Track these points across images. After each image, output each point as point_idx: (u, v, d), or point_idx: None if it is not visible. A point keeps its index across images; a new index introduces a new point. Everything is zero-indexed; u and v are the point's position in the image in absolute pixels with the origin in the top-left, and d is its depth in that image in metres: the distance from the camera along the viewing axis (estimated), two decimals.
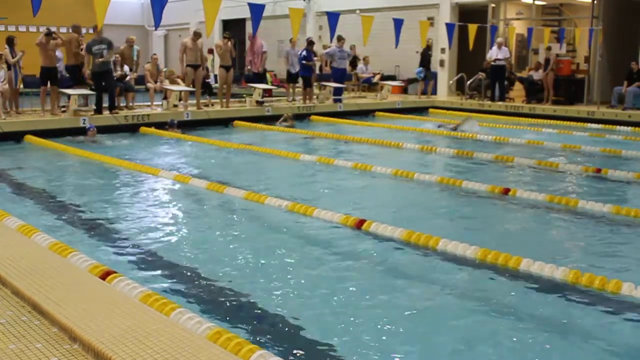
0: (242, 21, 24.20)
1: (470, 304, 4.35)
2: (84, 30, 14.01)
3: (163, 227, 6.11)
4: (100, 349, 2.92)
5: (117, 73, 14.05)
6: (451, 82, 19.56)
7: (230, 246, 5.58)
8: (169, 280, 4.63)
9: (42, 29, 12.87)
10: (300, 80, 16.84)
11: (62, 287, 3.68)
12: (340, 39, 16.60)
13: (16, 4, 19.66)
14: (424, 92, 18.81)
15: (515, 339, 3.81)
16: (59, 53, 13.82)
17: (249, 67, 17.23)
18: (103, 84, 12.88)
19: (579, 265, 4.83)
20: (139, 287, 3.88)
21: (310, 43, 16.73)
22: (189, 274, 4.79)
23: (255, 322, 3.92)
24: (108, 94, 13.00)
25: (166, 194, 7.77)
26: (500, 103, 17.38)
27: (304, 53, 16.38)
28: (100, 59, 12.59)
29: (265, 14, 14.40)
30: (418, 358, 3.60)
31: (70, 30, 14.22)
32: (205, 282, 4.63)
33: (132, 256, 5.19)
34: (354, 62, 19.77)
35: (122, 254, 5.22)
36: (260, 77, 17.00)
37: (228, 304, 4.23)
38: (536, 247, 5.52)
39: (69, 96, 12.64)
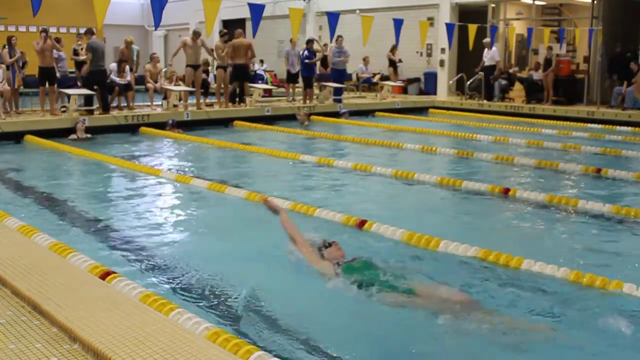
0: (242, 21, 24.19)
1: None
2: (82, 30, 14.03)
3: (163, 228, 6.11)
4: (100, 349, 2.91)
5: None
6: (451, 82, 19.56)
7: (231, 246, 5.56)
8: (169, 281, 4.63)
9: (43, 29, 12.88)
10: (300, 80, 16.84)
11: (62, 287, 3.68)
12: (337, 38, 16.59)
13: (16, 4, 19.67)
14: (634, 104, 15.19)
15: (515, 339, 3.81)
16: (62, 54, 13.82)
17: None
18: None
19: (579, 266, 4.83)
20: (138, 287, 3.88)
21: (309, 42, 16.73)
22: (188, 274, 4.78)
23: (254, 323, 3.91)
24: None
25: (167, 194, 7.77)
26: (500, 103, 17.39)
27: (306, 53, 16.36)
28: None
29: (265, 14, 14.40)
30: (418, 358, 3.59)
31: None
32: (205, 282, 4.62)
33: (132, 256, 5.18)
34: (394, 64, 18.94)
35: (121, 255, 5.22)
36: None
37: (227, 305, 4.22)
38: (537, 248, 5.52)
39: (69, 96, 12.64)
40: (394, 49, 18.47)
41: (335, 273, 4.36)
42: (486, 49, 17.23)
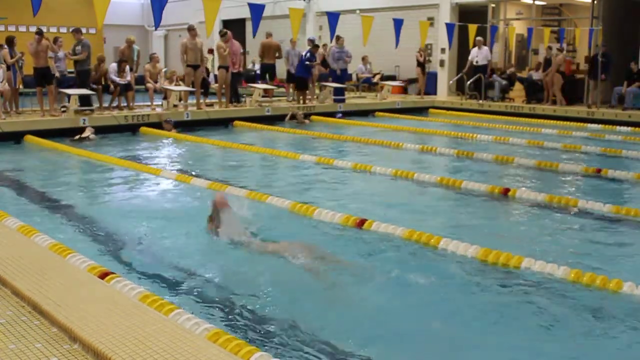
0: (242, 21, 24.21)
1: (470, 303, 4.35)
2: (83, 30, 14.01)
3: (163, 228, 6.10)
4: (100, 349, 2.91)
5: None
6: (451, 82, 19.56)
7: (231, 247, 5.56)
8: (168, 282, 4.62)
9: (43, 29, 12.87)
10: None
11: (62, 287, 3.68)
12: (338, 38, 16.59)
13: (16, 4, 19.67)
14: None
15: (515, 339, 3.81)
16: (61, 54, 13.83)
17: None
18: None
19: (579, 265, 4.83)
20: (137, 287, 3.87)
21: (315, 46, 16.72)
22: (188, 275, 4.78)
23: (254, 324, 3.91)
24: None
25: (167, 194, 7.75)
26: (500, 103, 17.39)
27: (308, 54, 16.30)
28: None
29: (265, 14, 14.42)
30: (417, 357, 3.59)
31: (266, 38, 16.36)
32: (204, 283, 4.62)
33: (132, 257, 5.18)
34: (422, 65, 18.51)
35: (121, 255, 5.21)
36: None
37: (227, 306, 4.22)
38: (537, 247, 5.51)
39: (69, 96, 12.64)
40: (421, 50, 18.42)
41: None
42: (476, 48, 17.21)
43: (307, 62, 16.23)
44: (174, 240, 5.70)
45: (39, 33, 12.43)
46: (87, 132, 11.81)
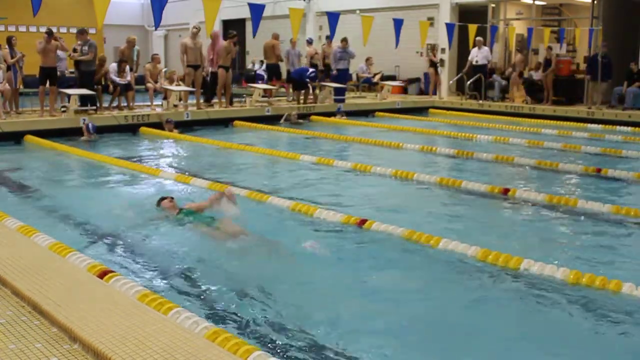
0: (242, 21, 24.20)
1: (470, 304, 4.35)
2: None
3: (162, 227, 6.10)
4: (100, 349, 2.92)
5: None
6: (451, 82, 19.56)
7: (229, 247, 5.56)
8: (167, 281, 4.63)
9: (43, 29, 12.88)
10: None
11: (62, 287, 3.68)
12: (343, 39, 16.60)
13: (16, 4, 19.66)
14: None
15: (515, 340, 3.81)
16: (61, 54, 13.83)
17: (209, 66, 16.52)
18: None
19: (579, 266, 4.83)
20: (136, 286, 3.88)
21: (321, 71, 16.80)
22: (187, 274, 4.78)
23: (253, 323, 3.91)
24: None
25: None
26: (500, 103, 17.38)
27: (312, 74, 16.12)
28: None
29: (265, 14, 14.40)
30: (417, 357, 3.59)
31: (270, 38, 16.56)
32: (203, 282, 4.62)
33: (131, 256, 5.18)
34: (434, 65, 18.62)
35: (120, 254, 5.22)
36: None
37: (226, 305, 4.22)
38: (536, 247, 5.52)
39: (69, 96, 12.63)
40: (434, 50, 18.37)
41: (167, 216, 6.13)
42: (476, 48, 17.22)
43: (307, 80, 16.14)
44: (173, 239, 5.70)
45: (49, 33, 12.44)
46: (85, 134, 11.80)
